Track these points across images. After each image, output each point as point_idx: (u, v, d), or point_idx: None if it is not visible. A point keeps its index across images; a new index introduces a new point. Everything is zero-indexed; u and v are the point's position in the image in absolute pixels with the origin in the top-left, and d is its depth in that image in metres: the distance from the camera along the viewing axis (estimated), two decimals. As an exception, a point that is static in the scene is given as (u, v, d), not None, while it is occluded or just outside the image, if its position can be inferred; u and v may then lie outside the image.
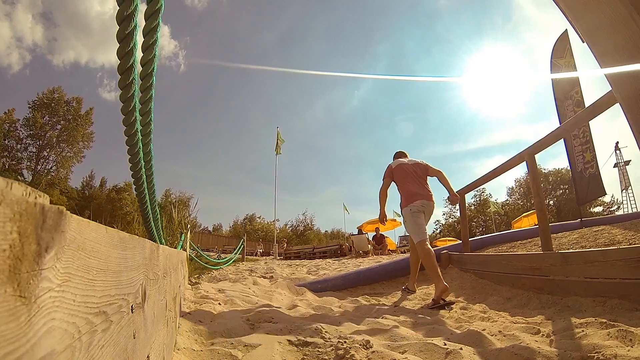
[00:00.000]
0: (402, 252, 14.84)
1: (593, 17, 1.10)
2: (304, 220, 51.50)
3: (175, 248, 5.39)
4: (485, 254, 4.53)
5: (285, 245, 21.63)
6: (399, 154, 4.50)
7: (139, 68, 1.03)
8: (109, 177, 46.04)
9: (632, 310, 2.18)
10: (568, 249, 3.96)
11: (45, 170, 37.09)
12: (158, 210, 1.88)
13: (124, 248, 0.58)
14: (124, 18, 0.84)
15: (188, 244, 5.61)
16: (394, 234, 33.63)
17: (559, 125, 8.26)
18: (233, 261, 9.06)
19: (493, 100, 72.16)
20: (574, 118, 3.30)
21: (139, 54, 1.00)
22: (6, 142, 35.35)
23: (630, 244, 3.22)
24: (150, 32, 1.03)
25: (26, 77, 48.28)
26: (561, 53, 8.43)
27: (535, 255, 3.37)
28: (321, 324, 2.25)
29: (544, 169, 44.93)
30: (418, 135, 79.08)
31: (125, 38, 0.87)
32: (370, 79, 74.69)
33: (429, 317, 2.79)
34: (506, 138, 73.13)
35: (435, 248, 4.55)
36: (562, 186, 44.39)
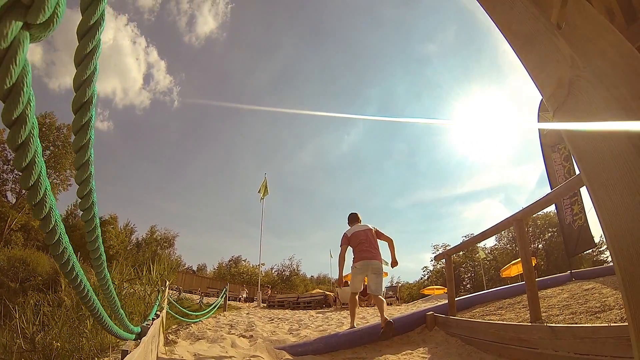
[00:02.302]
0: (388, 304, 14.42)
1: (547, 72, 1.04)
2: (290, 265, 50.82)
3: (153, 306, 5.15)
4: (471, 320, 4.35)
5: (269, 292, 21.14)
6: (353, 218, 5.52)
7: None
8: (94, 208, 45.28)
9: (623, 393, 2.05)
10: (557, 315, 3.82)
11: (30, 195, 36.47)
12: (114, 294, 1.67)
13: None
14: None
15: (166, 300, 5.33)
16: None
17: (545, 172, 8.43)
18: (216, 309, 8.70)
19: (481, 144, 73.87)
20: (565, 185, 3.28)
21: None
22: (-8, 161, 35.02)
23: (622, 318, 3.10)
24: (86, 59, 0.60)
25: (21, 97, 48.18)
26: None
27: (523, 327, 3.23)
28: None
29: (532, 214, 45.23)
30: (407, 180, 79.92)
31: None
32: (361, 123, 76.00)
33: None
34: (494, 181, 74.36)
35: (421, 308, 4.69)
36: (550, 229, 44.56)
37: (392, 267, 5.19)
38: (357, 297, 5.20)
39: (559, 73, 0.97)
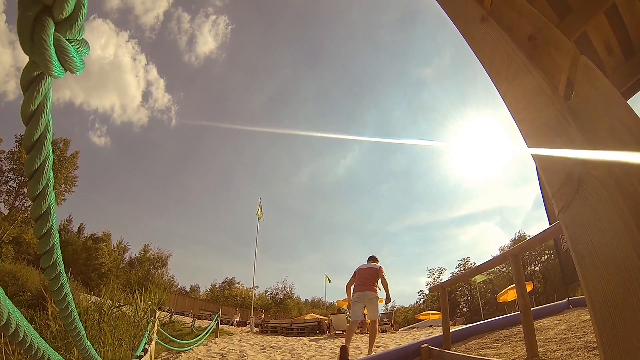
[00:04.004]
0: (383, 331, 14.15)
1: (555, 165, 0.96)
2: (284, 288, 50.18)
3: (142, 333, 5.02)
4: (466, 355, 4.26)
5: (263, 316, 20.80)
6: (369, 258, 6.39)
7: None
8: (88, 225, 44.89)
9: None
10: (555, 351, 3.74)
11: (23, 207, 36.07)
12: (87, 343, 1.58)
13: None
14: None
15: (156, 331, 5.19)
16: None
17: (541, 195, 8.41)
18: (208, 335, 8.49)
19: (476, 166, 73.99)
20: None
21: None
22: (-13, 171, 34.74)
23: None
24: (36, 173, 0.52)
25: (20, 108, 47.99)
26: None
27: (519, 365, 3.16)
28: None
29: (529, 236, 44.81)
30: (402, 203, 79.73)
31: None
32: (357, 147, 76.36)
33: None
34: (490, 204, 74.50)
35: (416, 339, 4.64)
36: (547, 252, 44.28)
37: (386, 303, 6.31)
38: (355, 326, 5.88)
39: (568, 168, 0.87)
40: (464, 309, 46.77)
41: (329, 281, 30.74)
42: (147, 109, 63.84)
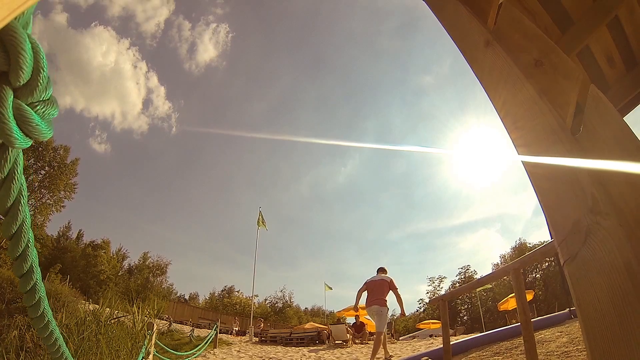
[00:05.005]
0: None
1: (562, 212, 0.91)
2: (283, 297, 49.91)
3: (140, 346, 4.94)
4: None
5: (262, 325, 20.63)
6: (378, 269, 6.66)
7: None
8: (87, 231, 44.75)
9: None
10: (557, 365, 3.70)
11: (23, 211, 35.85)
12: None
13: None
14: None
15: (153, 344, 5.13)
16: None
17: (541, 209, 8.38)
18: (206, 345, 8.40)
19: (476, 174, 73.76)
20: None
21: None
22: (-14, 178, 34.51)
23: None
24: (19, 258, 0.58)
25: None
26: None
27: (522, 381, 3.11)
28: None
29: (529, 243, 44.70)
30: (402, 211, 79.47)
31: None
32: (357, 155, 76.41)
33: None
34: (490, 211, 74.22)
35: (417, 351, 4.59)
36: (548, 259, 43.98)
37: (401, 317, 6.86)
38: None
39: (576, 215, 0.80)
40: (465, 318, 46.52)
41: (330, 289, 30.53)
42: (148, 116, 64.04)
